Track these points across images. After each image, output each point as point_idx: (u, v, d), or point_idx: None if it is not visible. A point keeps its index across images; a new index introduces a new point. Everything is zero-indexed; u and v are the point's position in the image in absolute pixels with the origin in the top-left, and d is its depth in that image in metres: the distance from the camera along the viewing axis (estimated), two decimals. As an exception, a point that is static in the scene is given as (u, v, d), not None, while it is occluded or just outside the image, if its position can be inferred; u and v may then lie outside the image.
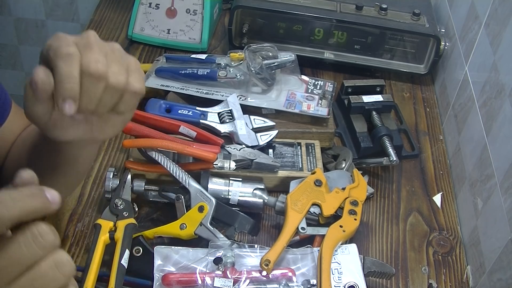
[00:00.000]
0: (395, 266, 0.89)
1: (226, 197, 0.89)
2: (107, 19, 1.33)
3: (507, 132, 0.82)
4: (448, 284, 0.88)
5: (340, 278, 0.79)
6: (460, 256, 0.92)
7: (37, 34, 1.78)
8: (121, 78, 0.57)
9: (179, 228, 0.83)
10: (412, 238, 0.94)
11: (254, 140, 0.96)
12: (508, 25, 0.87)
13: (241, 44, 1.19)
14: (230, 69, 1.04)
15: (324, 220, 0.86)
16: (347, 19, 1.17)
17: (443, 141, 1.11)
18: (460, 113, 1.05)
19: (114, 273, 0.76)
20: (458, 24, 1.13)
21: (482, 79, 0.94)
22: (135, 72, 0.60)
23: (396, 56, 1.22)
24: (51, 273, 0.45)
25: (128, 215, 0.83)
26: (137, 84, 0.59)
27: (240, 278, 0.77)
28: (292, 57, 1.04)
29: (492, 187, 0.85)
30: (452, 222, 0.97)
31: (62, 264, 0.46)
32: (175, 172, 0.86)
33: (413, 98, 1.20)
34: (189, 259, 0.79)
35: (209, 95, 1.02)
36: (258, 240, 0.89)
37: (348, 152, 1.00)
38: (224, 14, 1.36)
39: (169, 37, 1.24)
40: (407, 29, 1.17)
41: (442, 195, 1.01)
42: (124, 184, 0.87)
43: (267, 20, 1.21)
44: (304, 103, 1.03)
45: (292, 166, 0.97)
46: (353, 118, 1.06)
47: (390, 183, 1.02)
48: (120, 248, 0.78)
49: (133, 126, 0.90)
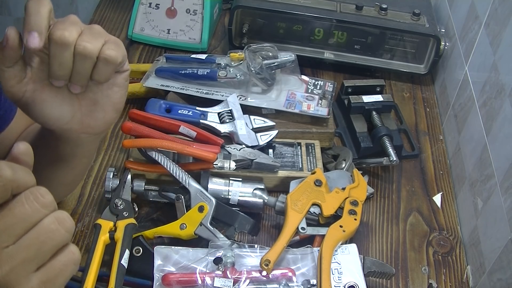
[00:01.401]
0: (395, 266, 0.89)
1: (226, 197, 0.89)
2: (107, 19, 1.33)
3: (507, 132, 0.82)
4: (448, 284, 0.88)
5: (340, 278, 0.79)
6: (460, 256, 0.92)
7: (37, 34, 1.78)
8: (90, 45, 0.59)
9: (179, 228, 0.83)
10: (412, 238, 0.94)
11: (254, 140, 0.96)
12: (508, 25, 0.87)
13: (241, 44, 1.19)
14: (230, 69, 1.04)
15: (324, 220, 0.86)
16: (347, 19, 1.17)
17: (443, 141, 1.11)
18: (460, 113, 1.05)
19: (114, 273, 0.76)
20: (458, 24, 1.13)
21: (482, 79, 0.94)
22: (111, 43, 0.61)
23: (396, 56, 1.22)
24: (54, 228, 0.49)
25: (128, 215, 0.83)
26: (110, 51, 0.61)
27: (240, 278, 0.77)
28: (292, 57, 1.04)
29: (492, 187, 0.85)
30: (452, 222, 0.97)
31: (64, 219, 0.49)
32: (175, 172, 0.86)
33: (413, 98, 1.20)
34: (189, 259, 0.79)
35: (209, 95, 1.02)
36: (258, 240, 0.90)
37: (348, 152, 1.00)
38: (224, 14, 1.36)
39: (169, 37, 1.24)
40: (407, 29, 1.17)
41: (442, 195, 1.01)
42: (124, 184, 0.87)
43: (267, 20, 1.21)
44: (304, 103, 1.03)
45: (292, 166, 0.97)
46: (353, 118, 1.06)
47: (390, 183, 1.02)
48: (120, 248, 0.78)
49: (133, 126, 0.90)
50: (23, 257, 0.48)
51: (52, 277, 0.49)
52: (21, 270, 0.48)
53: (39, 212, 0.48)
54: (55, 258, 0.50)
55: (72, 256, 0.51)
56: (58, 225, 0.49)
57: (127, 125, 0.89)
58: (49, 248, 0.49)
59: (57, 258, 0.50)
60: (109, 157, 1.01)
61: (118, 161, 1.00)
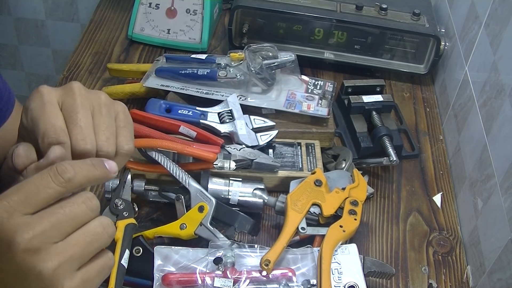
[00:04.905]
0: (395, 266, 0.89)
1: (226, 197, 0.89)
2: (107, 19, 1.33)
3: (507, 132, 0.82)
4: (448, 284, 0.88)
5: (340, 278, 0.79)
6: (460, 256, 0.92)
7: (37, 34, 1.79)
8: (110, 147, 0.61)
9: (179, 228, 0.83)
10: (412, 238, 0.94)
11: (254, 140, 0.96)
12: (508, 25, 0.87)
13: (241, 44, 1.19)
14: (230, 69, 1.04)
15: (324, 220, 0.86)
16: (347, 19, 1.17)
17: (443, 141, 1.11)
18: (460, 113, 1.05)
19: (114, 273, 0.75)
20: (458, 24, 1.13)
21: (482, 79, 0.94)
22: (123, 130, 0.63)
23: (396, 56, 1.22)
24: (99, 231, 0.53)
25: (128, 215, 0.83)
26: (126, 146, 0.63)
27: (240, 278, 0.77)
28: (292, 57, 1.04)
29: (492, 187, 0.85)
30: (452, 222, 0.97)
31: (108, 225, 0.54)
32: (175, 172, 0.86)
33: (413, 98, 1.20)
34: (189, 259, 0.79)
35: (209, 95, 1.02)
36: (258, 240, 0.90)
37: (348, 152, 1.00)
38: (224, 14, 1.36)
39: (169, 37, 1.24)
40: (407, 29, 1.17)
41: (442, 195, 1.01)
42: (124, 184, 0.87)
43: (267, 20, 1.21)
44: (304, 103, 1.03)
45: (292, 166, 0.97)
46: (353, 118, 1.06)
47: (390, 183, 1.02)
48: (120, 248, 0.78)
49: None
50: (70, 254, 0.50)
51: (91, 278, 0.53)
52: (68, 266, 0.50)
53: (87, 214, 0.52)
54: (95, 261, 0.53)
55: (109, 261, 0.55)
56: (103, 229, 0.53)
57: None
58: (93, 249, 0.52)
59: (96, 261, 0.53)
60: (109, 157, 1.01)
61: (118, 161, 1.00)
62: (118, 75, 1.14)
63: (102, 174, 0.55)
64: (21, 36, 1.80)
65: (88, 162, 0.54)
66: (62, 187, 0.51)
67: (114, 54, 1.23)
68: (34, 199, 0.50)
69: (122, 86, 1.10)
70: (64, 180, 0.51)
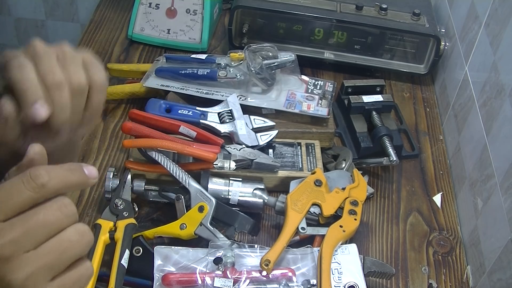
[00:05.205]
0: (395, 266, 0.89)
1: (226, 197, 0.89)
2: (107, 19, 1.33)
3: (507, 132, 0.82)
4: (448, 284, 0.88)
5: (340, 278, 0.79)
6: (460, 256, 0.92)
7: (37, 34, 1.79)
8: (81, 77, 0.58)
9: (179, 228, 0.83)
10: (412, 238, 0.94)
11: (254, 140, 0.96)
12: (508, 25, 0.87)
13: (241, 44, 1.19)
14: (230, 69, 1.04)
15: (324, 220, 0.86)
16: (347, 19, 1.17)
17: (443, 141, 1.11)
18: (460, 113, 1.05)
19: (114, 273, 0.76)
20: (458, 24, 1.13)
21: (482, 79, 0.94)
22: (92, 66, 0.61)
23: (396, 56, 1.22)
24: (75, 239, 0.49)
25: (128, 215, 0.83)
26: (99, 76, 0.60)
27: (240, 278, 0.77)
28: (292, 57, 1.04)
29: (492, 187, 0.85)
30: (452, 222, 0.97)
31: (84, 232, 0.50)
32: (175, 172, 0.86)
33: (413, 98, 1.20)
34: (189, 259, 0.79)
35: (209, 95, 1.02)
36: (258, 240, 0.89)
37: (348, 152, 1.00)
38: (224, 14, 1.36)
39: (169, 37, 1.24)
40: (407, 29, 1.17)
41: (442, 195, 1.01)
42: (124, 184, 0.87)
43: (267, 20, 1.21)
44: (304, 103, 1.03)
45: (292, 166, 0.97)
46: (353, 118, 1.06)
47: (390, 183, 1.02)
48: (120, 248, 0.78)
49: (133, 126, 0.90)
50: (43, 263, 0.48)
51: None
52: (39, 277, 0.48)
53: (62, 222, 0.49)
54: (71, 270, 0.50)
55: (86, 271, 0.51)
56: (79, 237, 0.50)
57: (127, 125, 0.89)
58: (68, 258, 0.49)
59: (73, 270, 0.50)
60: (109, 157, 1.01)
61: (118, 161, 1.00)
62: (118, 75, 1.14)
63: (80, 180, 0.51)
64: (21, 36, 1.80)
65: (65, 167, 0.51)
66: (35, 193, 0.48)
67: (114, 54, 1.23)
68: (5, 206, 0.47)
69: (122, 86, 1.10)
70: (37, 186, 0.48)
